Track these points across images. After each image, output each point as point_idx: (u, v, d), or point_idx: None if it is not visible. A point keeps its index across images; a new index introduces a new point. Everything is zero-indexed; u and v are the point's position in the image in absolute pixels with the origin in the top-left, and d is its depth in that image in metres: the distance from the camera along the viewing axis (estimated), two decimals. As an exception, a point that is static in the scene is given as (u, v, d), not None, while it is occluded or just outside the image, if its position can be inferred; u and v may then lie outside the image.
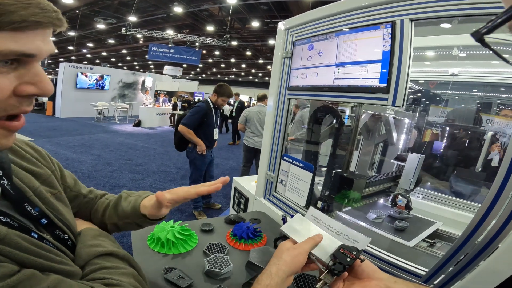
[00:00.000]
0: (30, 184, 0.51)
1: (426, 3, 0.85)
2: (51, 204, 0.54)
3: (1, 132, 0.38)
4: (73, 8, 11.29)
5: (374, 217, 1.49)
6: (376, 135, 2.06)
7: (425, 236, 1.36)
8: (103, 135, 8.78)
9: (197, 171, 3.42)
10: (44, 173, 0.56)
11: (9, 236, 0.39)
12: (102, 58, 24.14)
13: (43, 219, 0.49)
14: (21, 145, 0.56)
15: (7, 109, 0.36)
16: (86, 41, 17.81)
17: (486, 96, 2.18)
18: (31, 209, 0.48)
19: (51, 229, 0.51)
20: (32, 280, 0.37)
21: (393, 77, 0.93)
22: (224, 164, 6.37)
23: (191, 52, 14.56)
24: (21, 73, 0.36)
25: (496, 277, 0.60)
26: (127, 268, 0.56)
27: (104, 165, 5.47)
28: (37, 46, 0.36)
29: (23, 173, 0.51)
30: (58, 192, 0.58)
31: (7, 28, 0.32)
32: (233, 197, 2.10)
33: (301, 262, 0.61)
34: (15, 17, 0.33)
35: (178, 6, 11.22)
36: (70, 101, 12.15)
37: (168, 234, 1.07)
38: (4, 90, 0.35)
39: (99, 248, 0.56)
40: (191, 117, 3.16)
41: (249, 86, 30.18)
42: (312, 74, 1.28)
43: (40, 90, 0.38)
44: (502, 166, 0.63)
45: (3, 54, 0.33)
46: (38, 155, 0.59)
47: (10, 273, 0.36)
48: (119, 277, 0.52)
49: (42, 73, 0.39)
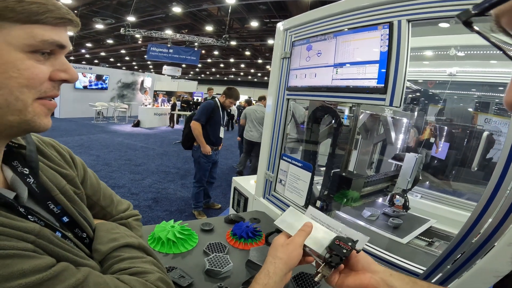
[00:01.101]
0: (57, 183, 0.54)
1: (423, 4, 0.86)
2: (77, 202, 0.57)
3: (43, 109, 0.44)
4: (71, 8, 11.21)
5: (369, 214, 1.51)
6: (375, 134, 2.07)
7: (418, 233, 1.38)
8: (102, 136, 8.77)
9: (201, 170, 3.45)
10: (69, 174, 0.59)
11: (43, 232, 0.42)
12: (101, 58, 24.09)
13: (65, 217, 0.52)
14: (48, 147, 0.60)
15: (47, 91, 0.44)
16: (84, 41, 17.76)
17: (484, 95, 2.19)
18: (54, 207, 0.51)
19: (71, 227, 0.53)
20: (68, 271, 0.41)
21: (391, 77, 0.94)
22: (224, 164, 6.37)
23: (190, 52, 14.54)
24: (53, 63, 0.44)
25: (493, 276, 0.60)
26: (145, 257, 0.57)
27: (103, 165, 5.47)
28: (67, 39, 0.45)
29: (51, 171, 0.54)
30: (81, 193, 0.61)
31: (50, 23, 0.41)
32: (232, 197, 2.10)
33: (297, 257, 0.61)
34: (56, 15, 0.42)
35: (177, 6, 11.20)
36: (69, 102, 12.13)
37: (168, 233, 1.08)
38: (44, 74, 0.43)
39: (115, 242, 0.57)
40: (200, 112, 3.30)
41: (248, 86, 30.18)
42: (310, 74, 1.28)
43: (70, 76, 0.46)
44: (498, 165, 0.64)
45: (48, 42, 0.41)
46: (62, 159, 0.61)
47: (50, 264, 0.39)
48: (142, 265, 0.54)
49: (68, 63, 0.46)
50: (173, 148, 7.78)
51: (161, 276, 0.54)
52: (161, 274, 0.54)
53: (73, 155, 0.66)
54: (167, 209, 3.77)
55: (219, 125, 3.42)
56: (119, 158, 6.14)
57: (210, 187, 3.81)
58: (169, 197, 4.16)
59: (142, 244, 0.60)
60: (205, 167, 3.45)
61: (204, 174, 3.49)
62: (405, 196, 1.54)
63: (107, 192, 0.71)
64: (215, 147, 3.44)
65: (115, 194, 0.74)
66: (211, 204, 3.91)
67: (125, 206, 0.74)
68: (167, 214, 3.61)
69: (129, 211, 0.73)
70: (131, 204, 0.77)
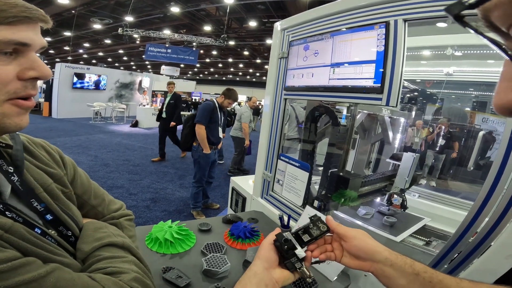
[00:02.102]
0: (42, 181, 0.54)
1: (419, 3, 0.86)
2: (62, 200, 0.57)
3: (14, 110, 0.44)
4: (69, 8, 11.22)
5: (364, 212, 1.52)
6: (372, 134, 2.08)
7: (412, 231, 1.39)
8: (100, 136, 8.74)
9: (201, 170, 3.48)
10: (57, 173, 0.59)
11: (15, 227, 0.43)
12: (99, 58, 24.00)
13: (48, 215, 0.52)
14: (37, 147, 0.60)
15: (17, 91, 0.44)
16: (82, 41, 17.68)
17: (481, 95, 2.19)
18: (37, 205, 0.51)
19: (55, 225, 0.54)
20: (32, 265, 0.41)
21: (387, 77, 0.94)
22: (222, 164, 6.37)
23: (189, 52, 14.51)
24: (20, 61, 0.44)
25: (490, 275, 0.61)
26: (128, 257, 0.57)
27: (101, 166, 5.45)
28: (30, 36, 0.44)
29: (36, 170, 0.55)
30: (69, 192, 0.61)
31: (4, 23, 0.40)
32: (230, 197, 2.10)
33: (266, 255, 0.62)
34: (9, 14, 0.41)
35: (175, 6, 11.17)
36: (66, 102, 12.05)
37: (166, 234, 1.08)
38: (9, 75, 0.42)
39: (98, 242, 0.57)
40: (201, 114, 3.31)
41: (247, 86, 30.18)
42: (307, 74, 1.28)
43: (40, 73, 0.45)
44: (494, 164, 0.64)
45: (3, 42, 0.41)
46: (52, 159, 0.62)
47: (12, 257, 0.40)
48: (120, 264, 0.54)
49: (38, 60, 0.45)
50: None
51: (136, 276, 0.53)
52: (138, 275, 0.54)
53: (62, 155, 0.66)
54: (166, 209, 3.76)
55: (218, 125, 3.48)
56: (117, 158, 6.12)
57: (209, 187, 3.82)
58: (167, 197, 4.15)
59: (127, 243, 0.60)
60: (205, 167, 3.48)
61: (204, 174, 3.51)
62: (403, 196, 1.55)
63: (99, 191, 0.71)
64: (214, 146, 3.47)
65: (107, 194, 0.74)
66: (209, 204, 3.91)
67: (117, 206, 0.73)
68: (165, 214, 3.61)
69: (121, 211, 0.73)
70: (124, 204, 0.76)
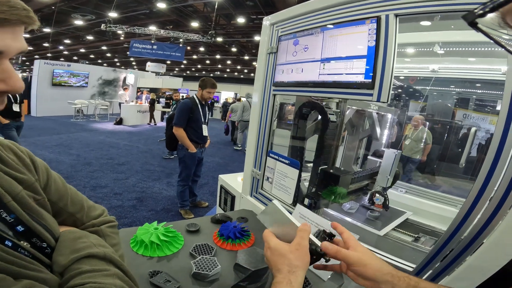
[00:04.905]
0: (10, 189, 0.48)
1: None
2: (34, 209, 0.51)
3: None
4: (49, 4, 10.72)
5: (348, 207, 1.52)
6: (361, 130, 2.08)
7: (395, 225, 1.41)
8: (82, 134, 8.46)
9: (187, 169, 3.39)
10: (27, 179, 0.53)
11: None
12: (81, 55, 23.16)
13: (19, 226, 0.47)
14: (5, 150, 0.54)
15: None
16: (62, 38, 16.99)
17: (464, 92, 2.24)
18: (6, 216, 0.46)
19: (28, 236, 0.49)
20: (1, 283, 0.37)
21: (378, 72, 0.93)
22: (210, 162, 6.29)
23: (175, 48, 14.23)
24: None
25: (482, 273, 0.60)
26: (110, 270, 0.52)
27: (84, 165, 5.27)
28: (5, 43, 0.37)
29: (4, 177, 0.49)
30: (42, 199, 0.55)
31: None
32: (219, 195, 2.07)
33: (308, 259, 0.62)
34: None
35: (161, 2, 10.90)
36: (46, 99, 11.60)
37: (152, 236, 1.03)
38: None
39: (77, 253, 0.52)
40: (178, 115, 3.19)
41: (234, 82, 29.98)
42: (297, 69, 1.26)
43: (9, 87, 0.40)
44: (485, 161, 0.64)
45: None
46: (21, 162, 0.55)
47: None
48: (101, 279, 0.49)
49: (11, 70, 0.39)
50: (158, 146, 7.61)
51: None
52: None
53: (34, 158, 0.59)
54: (153, 208, 3.68)
55: (200, 122, 3.30)
56: (100, 157, 5.94)
57: (195, 185, 3.75)
58: (154, 196, 4.06)
59: (109, 254, 0.55)
60: (191, 166, 3.40)
61: (189, 174, 3.43)
62: (385, 195, 1.53)
63: (77, 197, 0.65)
64: (200, 144, 3.38)
65: (86, 199, 0.68)
66: (198, 202, 3.85)
67: (98, 212, 0.68)
68: (152, 214, 3.52)
69: (103, 217, 0.67)
70: (105, 209, 0.71)
